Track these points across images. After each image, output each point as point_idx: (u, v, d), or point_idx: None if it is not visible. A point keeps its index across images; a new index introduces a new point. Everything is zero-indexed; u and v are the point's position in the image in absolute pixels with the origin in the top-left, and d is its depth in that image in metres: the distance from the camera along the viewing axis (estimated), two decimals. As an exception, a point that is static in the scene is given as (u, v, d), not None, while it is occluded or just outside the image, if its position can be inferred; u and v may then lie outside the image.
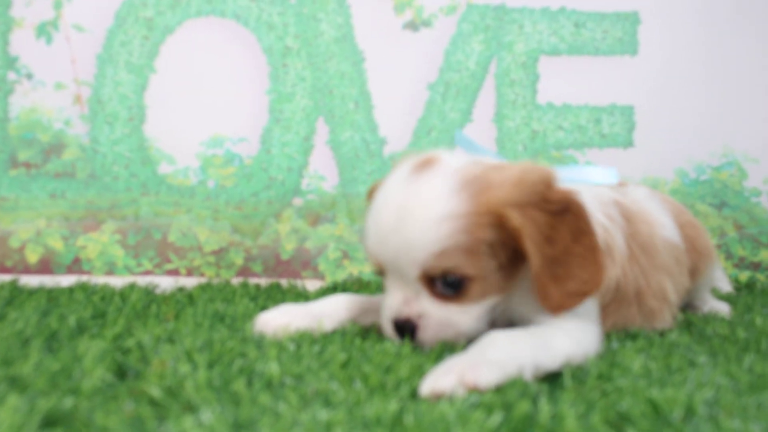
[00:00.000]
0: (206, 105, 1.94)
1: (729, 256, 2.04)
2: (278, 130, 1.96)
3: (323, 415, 0.69)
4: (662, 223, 1.34)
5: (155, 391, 0.76)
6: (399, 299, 1.05)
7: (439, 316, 1.04)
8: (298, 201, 1.96)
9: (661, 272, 1.27)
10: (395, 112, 1.98)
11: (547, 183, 1.03)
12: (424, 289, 1.03)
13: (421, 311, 1.04)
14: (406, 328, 1.04)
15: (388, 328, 1.07)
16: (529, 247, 0.99)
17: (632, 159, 2.03)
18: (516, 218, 0.99)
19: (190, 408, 0.73)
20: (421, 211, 1.00)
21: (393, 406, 0.72)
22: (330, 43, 1.97)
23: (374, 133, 1.98)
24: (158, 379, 0.81)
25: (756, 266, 2.05)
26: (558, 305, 1.02)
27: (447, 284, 1.02)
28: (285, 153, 1.96)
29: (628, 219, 1.24)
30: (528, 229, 0.99)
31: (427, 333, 1.04)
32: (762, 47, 2.05)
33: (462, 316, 1.04)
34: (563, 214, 1.03)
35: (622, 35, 2.03)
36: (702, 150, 2.05)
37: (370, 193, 1.16)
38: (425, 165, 1.05)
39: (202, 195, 1.94)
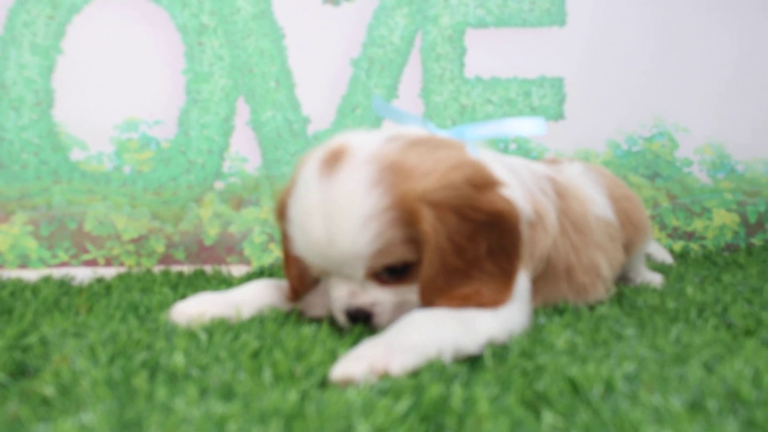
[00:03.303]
0: (118, 87, 1.86)
1: (663, 226, 2.03)
2: (196, 111, 1.89)
3: (218, 408, 0.65)
4: (595, 200, 1.32)
5: (48, 390, 0.74)
6: (344, 293, 1.01)
7: (392, 300, 1.00)
8: (219, 184, 1.89)
9: (592, 248, 1.25)
10: (318, 89, 1.92)
11: (479, 186, 0.96)
12: (371, 282, 0.99)
13: (373, 300, 1.00)
14: (359, 317, 1.00)
15: (341, 318, 1.02)
16: (428, 257, 0.94)
17: (563, 131, 2.00)
18: (428, 221, 0.92)
19: (83, 407, 0.69)
20: (346, 215, 0.93)
21: (293, 396, 0.69)
22: (248, 20, 1.90)
23: (297, 111, 1.91)
24: (53, 377, 0.77)
25: (689, 236, 2.04)
26: (433, 304, 0.97)
27: (392, 272, 0.98)
28: (204, 135, 1.89)
29: (561, 195, 1.21)
30: (436, 237, 0.93)
31: (384, 318, 1.00)
32: (691, 16, 2.04)
33: (414, 295, 1.00)
34: (489, 227, 0.96)
35: (549, 6, 1.99)
36: (633, 121, 2.04)
37: (279, 209, 1.07)
38: (335, 159, 0.96)
39: (117, 181, 1.86)
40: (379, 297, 1.00)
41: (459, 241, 0.95)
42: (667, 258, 1.83)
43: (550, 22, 2.00)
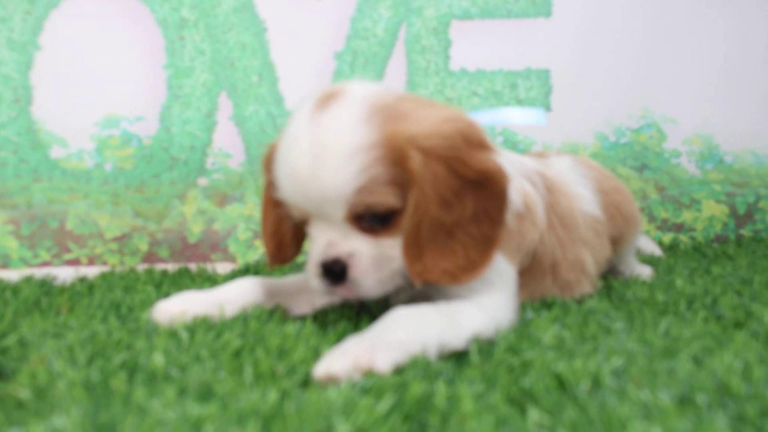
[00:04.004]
0: (98, 83, 1.83)
1: (651, 218, 2.02)
2: (178, 106, 1.86)
3: (195, 410, 0.64)
4: (582, 195, 1.31)
5: (23, 393, 0.72)
6: (323, 242, 0.97)
7: (371, 253, 0.96)
8: (203, 181, 1.87)
9: (578, 245, 1.24)
10: (301, 83, 1.89)
11: (472, 143, 0.95)
12: (352, 228, 0.96)
13: (351, 250, 0.96)
14: (335, 271, 0.96)
15: (314, 276, 0.98)
16: (414, 199, 0.92)
17: (550, 124, 1.99)
18: (416, 162, 0.91)
19: (57, 410, 0.68)
20: (332, 148, 0.91)
21: (273, 396, 0.67)
22: (229, 14, 1.87)
23: (280, 106, 1.89)
24: (30, 379, 0.76)
25: (678, 227, 2.02)
26: (419, 274, 0.95)
27: (375, 218, 0.95)
28: (186, 131, 1.86)
29: (550, 190, 1.20)
30: (422, 182, 0.91)
31: (360, 270, 0.95)
32: (680, 7, 2.03)
33: (392, 251, 0.97)
34: (476, 187, 0.94)
35: (535, -3, 1.98)
36: (621, 112, 2.02)
37: (267, 156, 1.07)
38: (329, 98, 0.95)
39: (99, 179, 1.83)
40: (358, 247, 0.96)
41: (445, 195, 0.93)
42: (656, 250, 1.82)
43: (535, 13, 1.98)
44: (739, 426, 0.60)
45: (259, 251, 1.87)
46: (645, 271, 1.51)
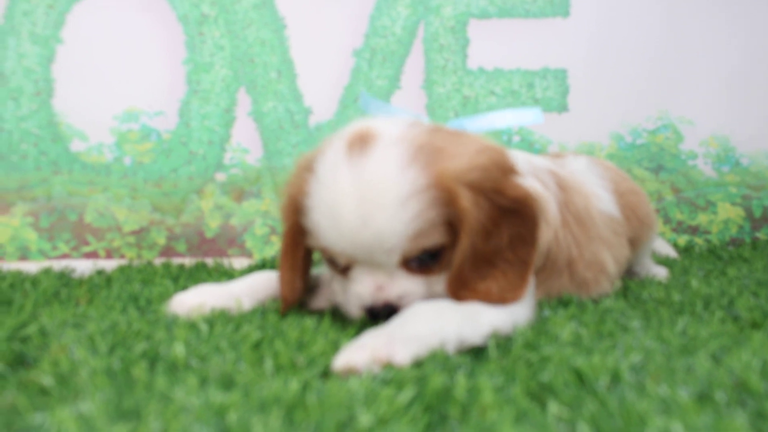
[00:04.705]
0: (119, 77, 1.85)
1: (667, 220, 2.02)
2: (197, 102, 1.87)
3: (218, 398, 0.64)
4: (599, 195, 1.31)
5: (46, 380, 0.73)
6: (371, 286, 0.96)
7: (420, 292, 0.96)
8: (220, 176, 1.88)
9: (596, 243, 1.23)
10: (320, 80, 1.91)
11: (505, 171, 0.96)
12: (402, 271, 0.96)
13: (402, 292, 0.96)
14: (383, 314, 0.95)
15: (357, 314, 0.98)
16: (465, 236, 0.93)
17: (567, 124, 1.99)
18: (466, 200, 0.92)
19: (81, 396, 0.69)
20: (383, 195, 0.90)
21: (294, 385, 0.68)
22: (249, 10, 1.89)
23: (299, 102, 1.90)
24: (52, 367, 0.77)
25: (694, 230, 2.02)
26: (458, 297, 0.96)
27: (421, 260, 0.95)
28: (205, 126, 1.87)
29: (563, 188, 1.20)
30: (472, 216, 0.92)
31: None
32: (696, 8, 2.02)
33: (438, 286, 0.97)
34: (511, 214, 0.96)
35: (553, -3, 1.98)
36: (637, 113, 2.02)
37: (292, 202, 1.02)
38: (363, 142, 0.94)
39: (118, 173, 1.85)
40: (408, 288, 0.96)
41: (487, 226, 0.94)
42: (670, 252, 1.82)
43: (553, 12, 1.98)
44: (758, 423, 0.61)
45: (275, 247, 1.88)
46: (660, 272, 1.51)
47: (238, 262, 1.78)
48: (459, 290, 0.95)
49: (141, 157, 1.86)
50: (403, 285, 0.96)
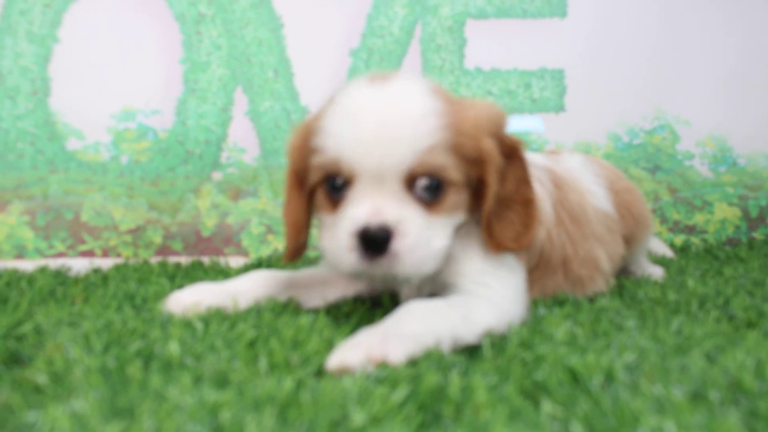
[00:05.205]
0: (115, 76, 1.84)
1: (663, 220, 2.02)
2: (194, 101, 1.87)
3: (212, 396, 0.65)
4: (594, 192, 1.31)
5: (41, 378, 0.74)
6: (368, 208, 0.92)
7: (419, 225, 0.93)
8: (217, 175, 1.88)
9: (591, 240, 1.24)
10: (316, 79, 1.90)
11: (504, 123, 1.02)
12: (405, 192, 0.93)
13: (400, 217, 0.92)
14: (378, 239, 0.90)
15: (347, 249, 0.92)
16: (491, 176, 0.97)
17: (564, 124, 1.99)
18: (488, 143, 0.96)
19: (75, 394, 0.69)
20: (405, 108, 0.93)
21: (288, 384, 0.68)
22: (246, 9, 1.88)
23: (295, 101, 1.90)
24: (47, 365, 0.77)
25: (690, 230, 2.02)
26: (499, 244, 1.01)
27: (426, 190, 0.94)
28: (202, 125, 1.87)
29: (558, 186, 1.21)
30: (494, 158, 0.97)
31: (406, 240, 0.91)
32: (693, 8, 2.02)
33: (435, 231, 0.95)
34: (512, 159, 1.01)
35: (550, -3, 1.98)
36: (634, 113, 2.02)
37: (302, 134, 1.02)
38: (383, 77, 0.97)
39: (115, 171, 1.85)
40: (407, 215, 0.92)
41: (502, 170, 1.00)
42: (667, 252, 1.82)
43: (551, 13, 1.98)
44: (751, 422, 0.61)
45: (271, 246, 1.88)
46: (656, 272, 1.51)
47: (235, 261, 1.78)
48: (490, 235, 1.00)
49: (138, 155, 1.86)
50: (403, 210, 0.93)
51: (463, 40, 1.96)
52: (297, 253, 1.10)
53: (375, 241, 0.91)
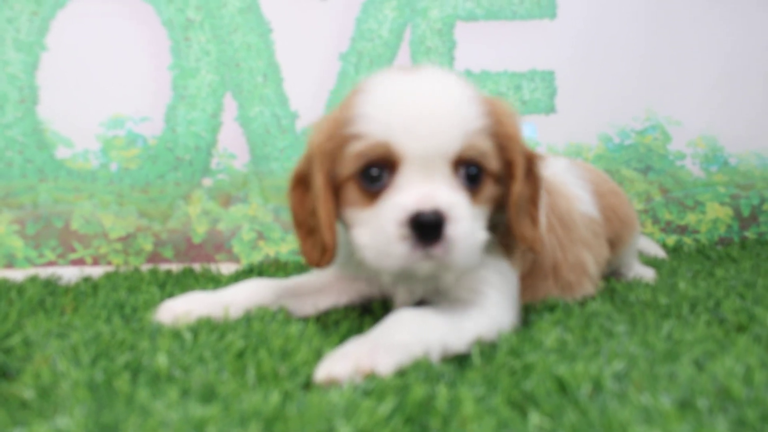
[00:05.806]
0: (104, 83, 1.84)
1: (655, 220, 2.02)
2: (183, 107, 1.86)
3: (197, 411, 0.64)
4: (579, 196, 1.32)
5: (27, 393, 0.73)
6: (417, 194, 0.89)
7: (466, 215, 0.90)
8: (207, 181, 1.87)
9: (578, 245, 1.24)
10: (306, 84, 1.90)
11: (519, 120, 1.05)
12: (452, 177, 0.91)
13: (452, 202, 0.89)
14: (431, 224, 0.87)
15: (396, 239, 0.88)
16: (518, 169, 0.98)
17: (555, 125, 1.99)
18: (516, 128, 0.99)
19: (60, 410, 0.69)
20: (450, 93, 0.94)
21: (275, 398, 0.67)
22: (234, 14, 1.88)
23: (285, 107, 1.89)
24: (34, 380, 0.77)
25: (682, 230, 2.02)
26: (523, 237, 1.02)
27: (467, 177, 0.93)
28: (191, 131, 1.86)
29: (548, 191, 1.21)
30: (524, 153, 1.00)
31: (461, 225, 0.89)
32: (684, 8, 2.02)
33: (477, 221, 0.94)
34: (529, 173, 1.03)
35: (540, -1, 1.98)
36: (625, 114, 2.02)
37: (334, 124, 0.96)
38: (413, 69, 0.99)
39: (104, 179, 1.84)
40: (457, 200, 0.90)
41: (525, 171, 1.01)
42: (659, 253, 1.82)
43: (540, 14, 1.98)
44: (739, 430, 0.60)
45: (262, 252, 1.87)
46: (648, 273, 1.51)
47: (226, 268, 1.77)
48: (516, 228, 1.01)
49: (127, 163, 1.85)
50: (453, 195, 0.90)
51: (453, 42, 1.95)
52: (334, 255, 1.03)
53: (429, 228, 0.87)
